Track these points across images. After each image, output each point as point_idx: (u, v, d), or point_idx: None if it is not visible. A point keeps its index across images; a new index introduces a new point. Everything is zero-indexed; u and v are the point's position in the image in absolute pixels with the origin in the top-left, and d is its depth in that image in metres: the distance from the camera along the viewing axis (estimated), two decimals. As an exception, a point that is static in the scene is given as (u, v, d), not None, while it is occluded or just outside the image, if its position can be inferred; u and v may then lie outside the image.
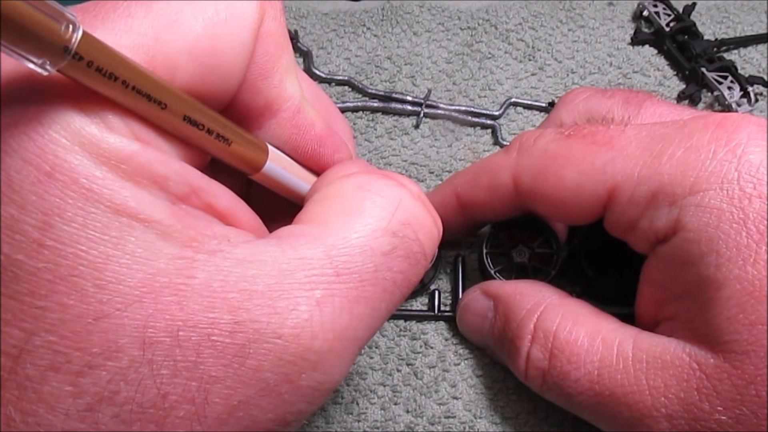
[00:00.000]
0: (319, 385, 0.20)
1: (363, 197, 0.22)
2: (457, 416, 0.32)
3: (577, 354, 0.26)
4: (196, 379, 0.18)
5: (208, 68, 0.20)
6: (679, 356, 0.24)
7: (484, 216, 0.32)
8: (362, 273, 0.21)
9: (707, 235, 0.23)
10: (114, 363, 0.17)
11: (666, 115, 0.29)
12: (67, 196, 0.17)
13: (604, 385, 0.25)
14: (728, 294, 0.23)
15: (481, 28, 0.44)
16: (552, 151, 0.27)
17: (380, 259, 0.21)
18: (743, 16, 0.45)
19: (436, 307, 0.34)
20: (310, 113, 0.25)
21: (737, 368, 0.22)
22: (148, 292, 0.17)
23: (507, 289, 0.30)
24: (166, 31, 0.19)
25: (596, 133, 0.27)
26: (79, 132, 0.17)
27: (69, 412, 0.17)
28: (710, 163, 0.24)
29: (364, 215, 0.22)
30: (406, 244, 0.22)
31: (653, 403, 0.24)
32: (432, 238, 0.24)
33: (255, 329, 0.18)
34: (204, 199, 0.20)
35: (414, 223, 0.23)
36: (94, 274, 0.17)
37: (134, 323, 0.17)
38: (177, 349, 0.17)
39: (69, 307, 0.17)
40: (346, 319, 0.20)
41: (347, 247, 0.21)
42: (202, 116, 0.20)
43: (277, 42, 0.22)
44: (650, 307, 0.27)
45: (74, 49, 0.16)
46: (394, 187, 0.23)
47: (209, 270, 0.18)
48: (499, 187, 0.29)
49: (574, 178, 0.27)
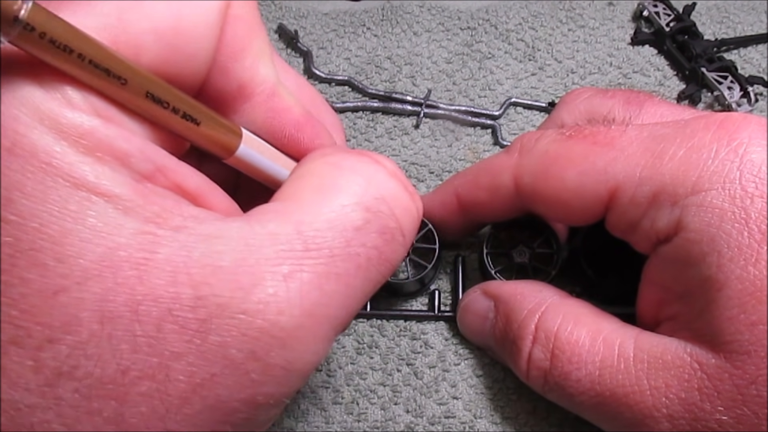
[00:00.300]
0: (290, 364, 0.19)
1: (337, 175, 0.22)
2: (457, 416, 0.32)
3: (579, 354, 0.26)
4: (156, 354, 0.17)
5: (173, 48, 0.20)
6: (680, 356, 0.24)
7: (485, 217, 0.32)
8: (333, 248, 0.20)
9: (709, 235, 0.23)
10: (73, 337, 0.17)
11: (667, 115, 0.29)
12: (27, 170, 0.17)
13: (605, 386, 0.25)
14: (729, 294, 0.23)
15: (481, 28, 0.44)
16: (553, 152, 0.27)
17: (352, 233, 0.21)
18: (743, 16, 0.45)
19: (436, 308, 0.34)
20: (286, 97, 0.24)
21: (738, 368, 0.22)
22: (108, 266, 0.17)
23: (507, 289, 0.30)
24: (129, 11, 0.19)
25: (597, 134, 0.27)
26: (38, 107, 0.17)
27: (29, 387, 0.17)
28: (712, 162, 0.24)
29: (337, 191, 0.21)
30: (380, 219, 0.21)
31: (654, 404, 0.24)
32: (410, 214, 0.23)
33: (217, 304, 0.18)
34: (172, 179, 0.20)
35: (389, 198, 0.22)
36: (54, 248, 0.17)
37: (94, 297, 0.17)
38: (137, 323, 0.17)
39: (29, 282, 0.17)
40: (316, 295, 0.19)
41: (317, 222, 0.20)
42: (167, 94, 0.20)
43: (246, 24, 0.22)
44: (651, 307, 0.27)
45: (24, 19, 0.16)
46: (368, 163, 0.23)
47: (172, 246, 0.18)
48: (500, 188, 0.29)
49: (576, 178, 0.26)
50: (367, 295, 0.22)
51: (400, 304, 0.35)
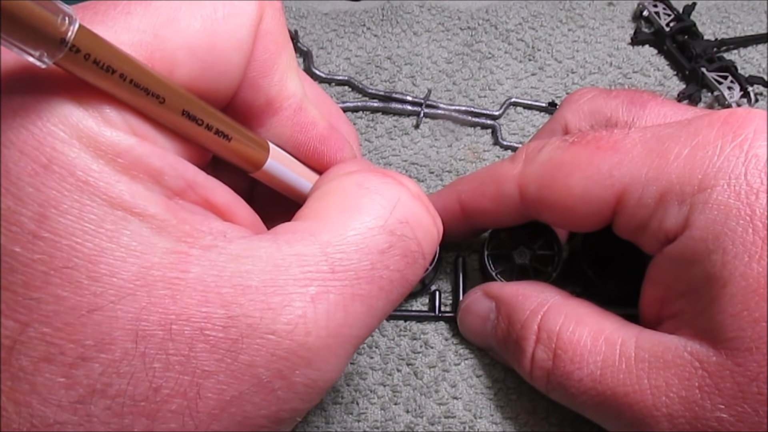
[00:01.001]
0: (313, 382, 0.20)
1: (361, 195, 0.22)
2: (457, 416, 0.32)
3: (581, 354, 0.26)
4: (188, 373, 0.18)
5: (207, 65, 0.20)
6: (680, 355, 0.24)
7: (488, 223, 0.32)
8: (358, 270, 0.20)
9: (714, 233, 0.23)
10: (107, 355, 0.17)
11: (670, 115, 0.29)
12: (63, 188, 0.17)
13: (606, 385, 0.25)
14: (733, 291, 0.23)
15: (481, 28, 0.44)
16: (557, 159, 0.27)
17: (377, 257, 0.21)
18: (743, 16, 0.45)
19: (436, 308, 0.34)
20: (312, 112, 0.25)
21: (740, 365, 0.22)
22: (141, 285, 0.18)
23: (509, 290, 0.30)
24: (164, 27, 0.19)
25: (600, 139, 0.26)
26: (76, 125, 0.17)
27: (61, 403, 0.17)
28: (717, 159, 0.24)
29: (362, 213, 0.21)
30: (403, 242, 0.22)
31: (654, 403, 0.24)
32: (431, 237, 0.23)
33: (248, 324, 0.18)
34: (201, 195, 0.20)
35: (412, 221, 0.22)
36: (88, 266, 0.17)
37: (127, 316, 0.17)
38: (170, 342, 0.18)
39: (63, 299, 0.17)
40: (341, 316, 0.20)
41: (343, 244, 0.20)
42: (201, 112, 0.20)
43: (276, 40, 0.22)
44: (654, 305, 0.27)
45: (71, 41, 0.16)
46: (392, 185, 0.23)
47: (203, 265, 0.18)
48: (504, 197, 0.29)
49: (581, 184, 0.26)
50: (387, 313, 0.22)
51: (401, 304, 0.35)
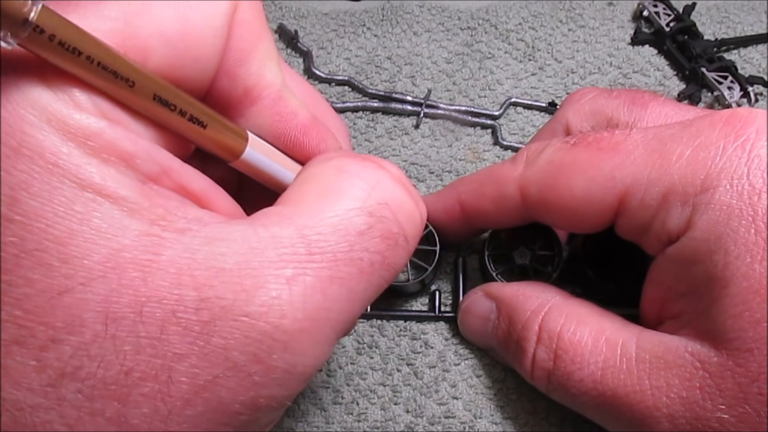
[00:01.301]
0: (292, 367, 0.19)
1: (340, 178, 0.22)
2: (457, 416, 0.32)
3: (581, 355, 0.26)
4: (159, 356, 0.18)
5: (180, 52, 0.20)
6: (681, 355, 0.24)
7: (489, 225, 0.32)
8: (336, 252, 0.20)
9: (716, 233, 0.23)
10: (77, 338, 0.17)
11: (672, 115, 0.29)
12: (33, 171, 0.17)
13: (606, 386, 0.25)
14: (735, 291, 0.22)
15: (481, 28, 0.44)
16: (558, 161, 0.27)
17: (355, 238, 0.21)
18: (743, 16, 0.45)
19: (436, 308, 0.34)
20: (292, 101, 0.25)
21: (741, 365, 0.22)
22: (112, 267, 0.17)
23: (510, 290, 0.30)
24: (136, 15, 0.19)
25: (601, 140, 0.26)
26: (45, 108, 0.17)
27: (32, 386, 0.17)
28: (720, 159, 0.23)
29: (341, 195, 0.21)
30: (383, 224, 0.22)
31: (654, 404, 0.24)
32: (413, 220, 0.23)
33: (221, 306, 0.18)
34: (176, 181, 0.20)
35: (392, 203, 0.22)
36: (59, 248, 0.17)
37: (98, 298, 0.17)
38: (140, 325, 0.17)
39: (34, 282, 0.17)
40: (319, 298, 0.20)
41: (320, 226, 0.20)
42: (174, 97, 0.20)
43: (252, 29, 0.22)
44: (655, 306, 0.27)
45: (34, 21, 0.16)
46: (372, 168, 0.23)
47: (176, 248, 0.18)
48: (505, 199, 0.29)
49: (583, 186, 0.26)
50: (370, 299, 0.22)
51: (401, 304, 0.35)
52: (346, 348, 0.34)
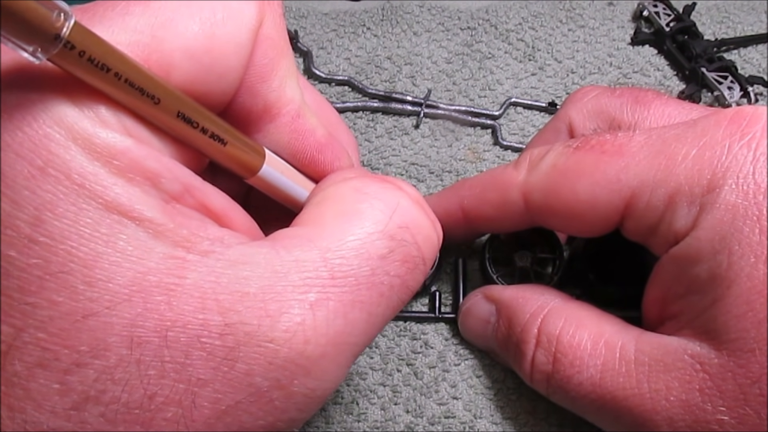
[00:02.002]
0: (312, 392, 0.19)
1: (360, 200, 0.22)
2: (457, 416, 0.32)
3: (580, 358, 0.26)
4: (184, 381, 0.17)
5: (204, 68, 0.20)
6: (681, 358, 0.24)
7: (491, 229, 0.32)
8: (358, 276, 0.20)
9: (721, 233, 0.23)
10: (101, 362, 0.17)
11: (675, 115, 0.29)
12: (59, 191, 0.17)
13: (606, 389, 0.25)
14: (738, 291, 0.22)
15: (481, 28, 0.44)
16: (561, 166, 0.27)
17: (377, 262, 0.21)
18: (743, 16, 0.45)
19: (436, 309, 0.34)
20: (310, 119, 0.25)
21: (742, 366, 0.22)
22: (137, 290, 0.17)
23: (509, 293, 0.30)
24: (162, 29, 0.19)
25: (605, 143, 0.26)
26: (71, 126, 0.17)
27: (55, 409, 0.17)
28: (725, 159, 0.23)
29: (361, 218, 0.21)
30: (403, 247, 0.22)
31: (654, 407, 0.24)
32: (431, 242, 0.23)
33: (246, 332, 0.18)
34: (198, 199, 0.20)
35: (412, 227, 0.22)
36: (84, 271, 0.17)
37: (123, 322, 0.17)
38: (165, 349, 0.17)
39: (58, 304, 0.17)
40: (341, 323, 0.20)
41: (343, 250, 0.20)
42: (197, 114, 0.20)
43: (275, 45, 0.22)
44: (657, 306, 0.27)
45: (65, 37, 0.16)
46: (392, 190, 0.23)
47: (201, 271, 0.18)
48: (508, 205, 0.29)
49: (588, 190, 0.26)
50: (387, 320, 0.22)
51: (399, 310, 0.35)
52: (346, 348, 0.34)
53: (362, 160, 0.39)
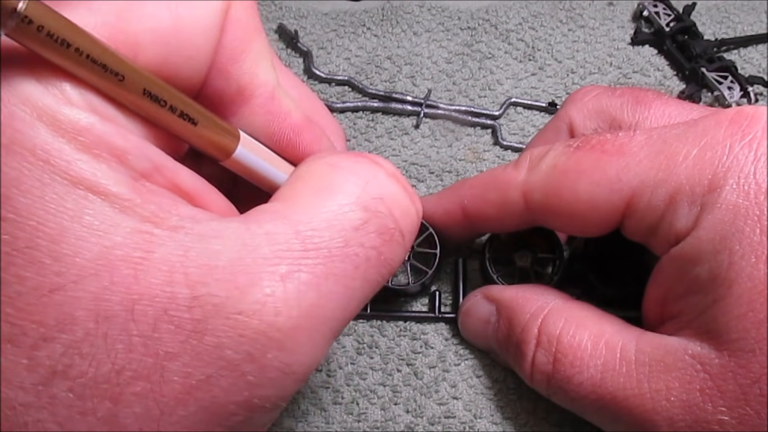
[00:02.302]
0: (287, 366, 0.19)
1: (334, 174, 0.22)
2: (457, 416, 0.32)
3: (581, 358, 0.26)
4: (151, 354, 0.17)
5: (172, 49, 0.20)
6: (681, 358, 0.24)
7: (491, 229, 0.32)
8: (331, 248, 0.20)
9: (722, 233, 0.23)
10: (68, 336, 0.17)
11: (675, 115, 0.29)
12: (24, 167, 0.17)
13: (606, 389, 0.25)
14: (739, 292, 0.22)
15: (481, 28, 0.44)
16: (562, 166, 0.27)
17: (350, 233, 0.20)
18: (743, 16, 0.45)
19: (436, 309, 0.34)
20: (285, 101, 0.24)
21: (743, 366, 0.22)
22: (104, 265, 0.17)
23: (509, 293, 0.30)
24: (128, 10, 0.19)
25: (605, 143, 0.26)
26: (36, 103, 0.17)
27: (24, 385, 0.17)
28: (726, 159, 0.23)
29: (334, 191, 0.21)
30: (378, 219, 0.21)
31: (654, 407, 0.24)
32: (409, 215, 0.23)
33: (214, 304, 0.18)
34: (169, 178, 0.20)
35: (387, 198, 0.22)
36: (50, 246, 0.17)
37: (89, 296, 0.17)
38: (132, 323, 0.17)
39: (25, 280, 0.17)
40: (314, 295, 0.19)
41: (315, 221, 0.20)
42: (165, 93, 0.20)
43: (245, 27, 0.22)
44: (657, 306, 0.27)
45: (22, 11, 0.16)
46: (366, 164, 0.23)
47: (169, 245, 0.18)
48: (508, 204, 0.29)
49: (588, 190, 0.26)
50: (367, 296, 0.22)
51: (401, 304, 0.35)
52: (346, 348, 0.34)
53: (362, 160, 0.39)
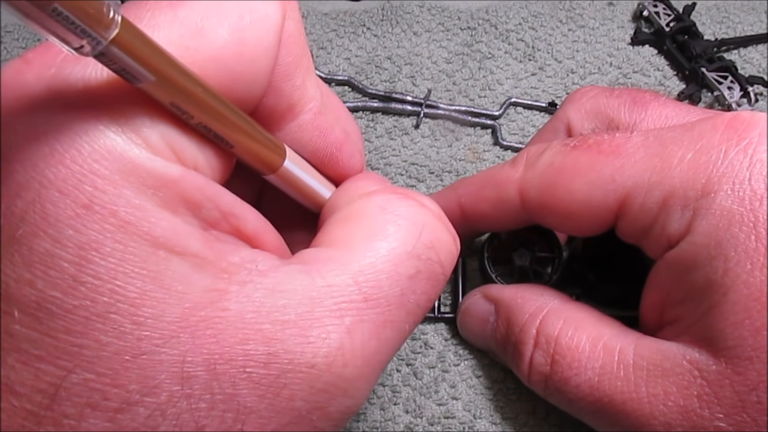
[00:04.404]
0: (348, 409, 0.20)
1: (386, 220, 0.22)
2: (457, 417, 0.32)
3: (579, 360, 0.26)
4: (232, 410, 0.18)
5: (236, 74, 0.20)
6: (679, 363, 0.24)
7: (489, 227, 0.32)
8: (389, 298, 0.21)
9: (716, 239, 0.23)
10: (152, 399, 0.17)
11: (672, 116, 0.29)
12: (105, 229, 0.16)
13: (603, 392, 0.25)
14: (735, 299, 0.22)
15: (481, 28, 0.44)
16: (558, 164, 0.27)
17: (406, 283, 0.21)
18: (743, 16, 0.45)
19: (436, 309, 0.34)
20: (329, 116, 0.24)
21: (740, 374, 0.22)
22: (185, 326, 0.17)
23: (508, 293, 0.30)
24: (192, 38, 0.19)
25: (602, 143, 0.26)
26: (117, 157, 0.17)
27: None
28: (722, 164, 0.23)
29: (389, 239, 0.21)
30: (429, 266, 0.22)
31: (651, 411, 0.24)
32: (452, 257, 0.24)
33: (289, 359, 0.18)
34: (233, 224, 0.20)
35: (437, 245, 0.23)
36: (130, 310, 0.17)
37: (172, 359, 0.17)
38: (214, 382, 0.17)
39: (106, 345, 0.16)
40: (375, 344, 0.20)
41: (374, 272, 0.20)
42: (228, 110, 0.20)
43: (298, 42, 0.22)
44: (654, 311, 0.27)
45: (119, 25, 0.15)
46: (416, 207, 0.23)
47: (242, 301, 0.18)
48: (505, 202, 0.29)
49: (583, 189, 0.26)
50: (411, 333, 0.23)
51: (418, 320, 0.35)
52: (345, 348, 0.34)
53: (362, 160, 0.39)
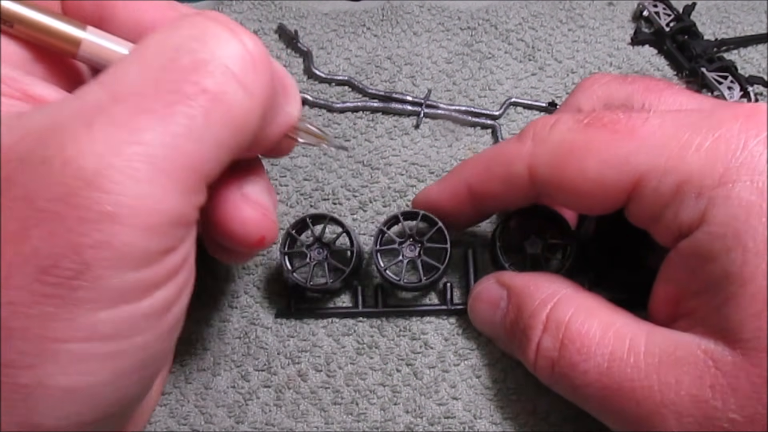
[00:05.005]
0: (101, 206, 0.19)
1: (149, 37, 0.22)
2: (457, 417, 0.32)
3: (588, 345, 0.26)
4: None
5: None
6: (693, 352, 0.23)
7: (497, 207, 0.32)
8: (141, 91, 0.20)
9: (734, 229, 0.23)
10: None
11: (686, 104, 0.28)
12: None
13: (612, 379, 0.25)
14: (753, 290, 0.22)
15: (481, 28, 0.44)
16: (570, 141, 0.26)
17: (158, 73, 0.21)
18: (743, 16, 0.45)
19: (448, 301, 0.34)
20: None
21: (756, 366, 0.22)
22: None
23: (520, 279, 0.30)
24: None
25: (617, 122, 0.26)
26: None
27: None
28: (741, 154, 0.23)
29: (146, 44, 0.22)
30: (190, 54, 0.21)
31: (662, 400, 0.23)
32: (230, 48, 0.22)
33: (19, 159, 0.19)
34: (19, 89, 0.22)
35: (203, 36, 0.21)
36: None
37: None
38: None
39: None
40: (124, 133, 0.19)
41: (122, 73, 0.21)
42: None
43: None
44: (667, 304, 0.26)
45: None
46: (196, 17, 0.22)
47: None
48: (513, 179, 0.29)
49: (596, 168, 0.26)
50: (216, 137, 0.21)
51: (410, 299, 0.35)
52: (345, 348, 0.34)
53: (362, 160, 0.39)
